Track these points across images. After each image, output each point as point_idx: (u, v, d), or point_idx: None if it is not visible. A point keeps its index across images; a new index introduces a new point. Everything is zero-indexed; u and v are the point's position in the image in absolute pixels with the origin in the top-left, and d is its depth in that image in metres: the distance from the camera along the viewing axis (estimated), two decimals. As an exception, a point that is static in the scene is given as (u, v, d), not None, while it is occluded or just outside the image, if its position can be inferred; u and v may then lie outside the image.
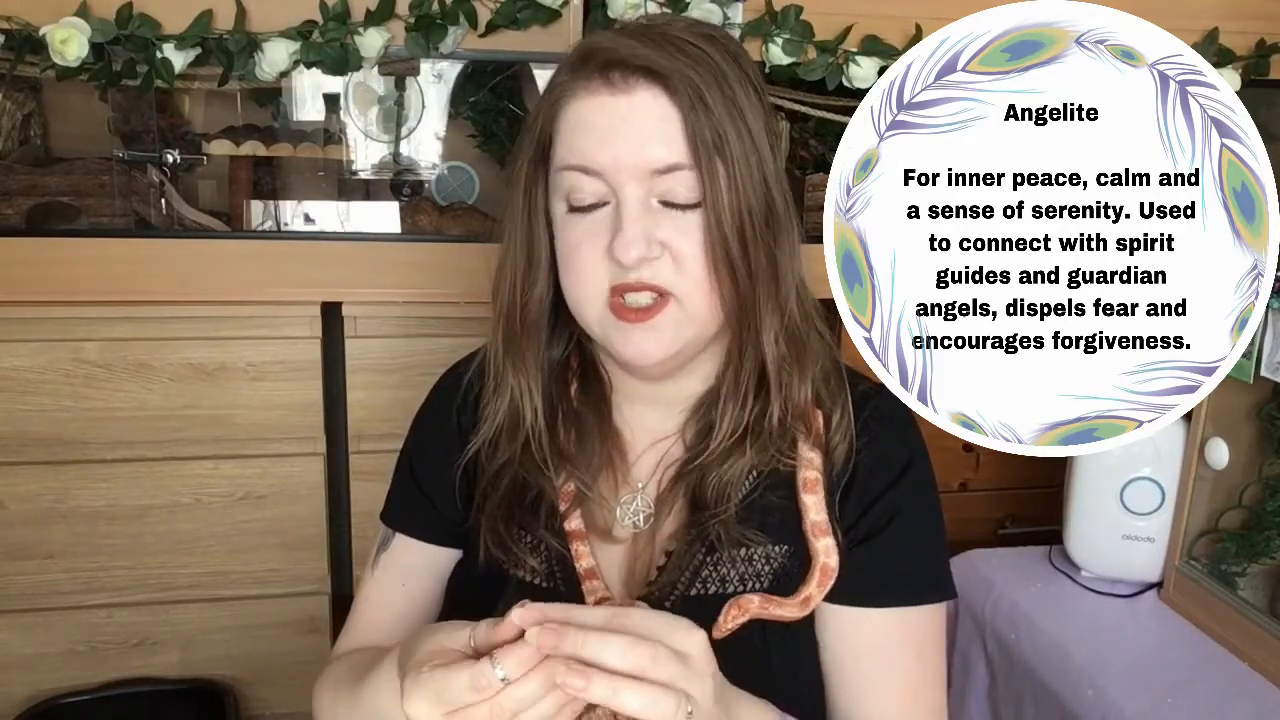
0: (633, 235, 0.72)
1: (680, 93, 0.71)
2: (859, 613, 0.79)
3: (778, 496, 0.79)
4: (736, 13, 1.41)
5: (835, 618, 0.79)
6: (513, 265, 0.80)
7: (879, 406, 0.82)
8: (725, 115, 0.72)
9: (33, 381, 1.42)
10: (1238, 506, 1.33)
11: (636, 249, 0.72)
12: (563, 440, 0.83)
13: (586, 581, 0.79)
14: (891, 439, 0.82)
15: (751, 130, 0.74)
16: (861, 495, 0.80)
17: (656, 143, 0.72)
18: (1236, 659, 1.26)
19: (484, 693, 0.56)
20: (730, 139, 0.72)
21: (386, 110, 1.68)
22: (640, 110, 0.72)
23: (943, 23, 0.76)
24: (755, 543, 0.78)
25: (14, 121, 1.54)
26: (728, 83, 0.74)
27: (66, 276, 1.41)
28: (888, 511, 0.79)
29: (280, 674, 1.58)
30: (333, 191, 1.67)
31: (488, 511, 0.82)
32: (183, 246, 1.47)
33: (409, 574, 0.89)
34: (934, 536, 0.82)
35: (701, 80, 0.72)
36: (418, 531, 0.89)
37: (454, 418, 0.88)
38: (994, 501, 1.80)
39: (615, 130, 0.72)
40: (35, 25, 1.27)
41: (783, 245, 0.78)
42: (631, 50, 0.73)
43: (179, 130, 1.63)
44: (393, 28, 1.36)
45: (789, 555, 0.79)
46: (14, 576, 1.48)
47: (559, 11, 1.38)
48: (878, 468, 0.80)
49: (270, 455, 1.50)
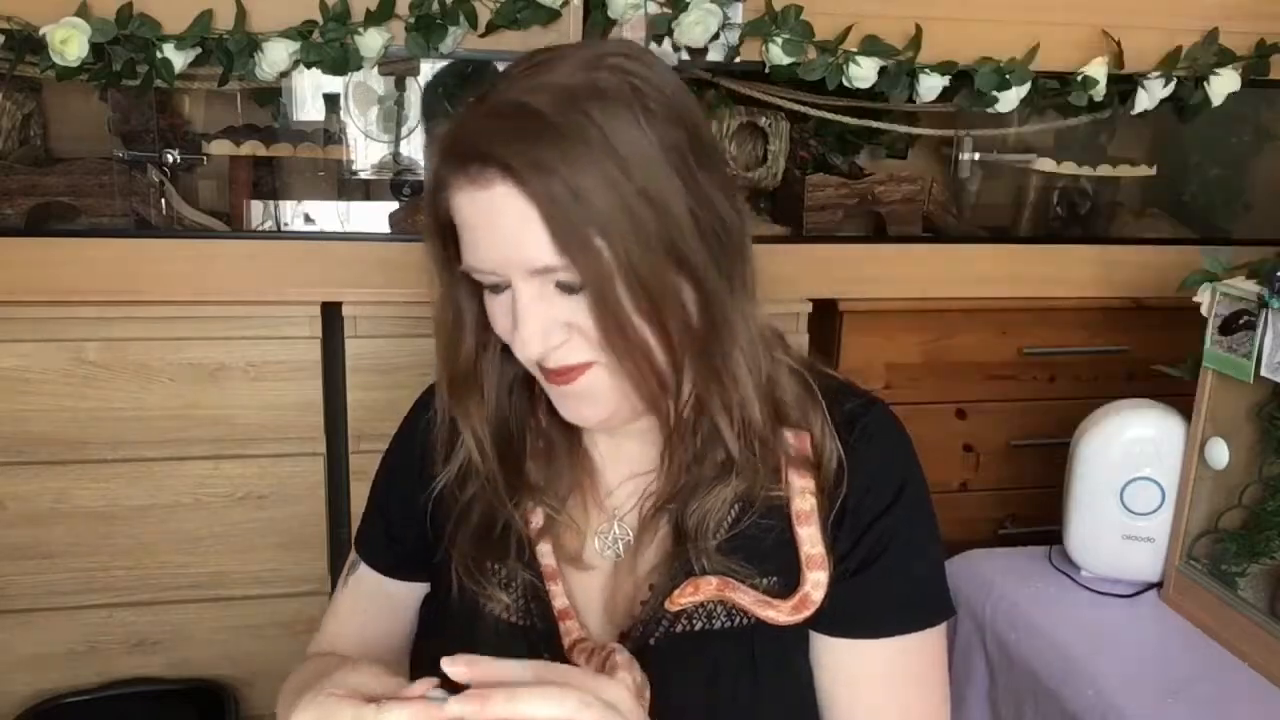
0: (528, 334, 0.69)
1: (533, 186, 0.65)
2: (855, 644, 0.77)
3: (768, 526, 0.77)
4: (736, 13, 1.41)
5: (830, 650, 0.78)
6: (440, 322, 0.79)
7: (867, 426, 0.79)
8: (599, 186, 0.65)
9: (33, 381, 1.42)
10: (1238, 506, 1.33)
11: (533, 347, 0.70)
12: (529, 469, 0.82)
13: (563, 621, 0.78)
14: (882, 461, 0.79)
15: (642, 183, 0.66)
16: (854, 524, 0.77)
17: (525, 244, 0.67)
18: (1236, 659, 1.26)
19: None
20: (607, 214, 0.65)
21: (386, 110, 1.68)
22: (500, 209, 0.67)
23: (942, 23, 0.76)
24: (742, 574, 0.76)
25: (14, 121, 1.54)
26: (605, 140, 0.65)
27: (66, 276, 1.41)
28: (882, 540, 0.77)
29: (280, 674, 1.55)
30: (333, 191, 1.67)
31: (458, 545, 0.81)
32: (183, 246, 1.47)
33: (370, 601, 0.90)
34: (930, 557, 0.80)
35: (563, 158, 0.64)
36: (379, 564, 0.90)
37: (420, 450, 0.86)
38: (994, 501, 1.80)
39: (486, 228, 0.68)
40: (35, 25, 1.27)
41: (709, 287, 0.71)
42: (480, 137, 0.67)
43: (179, 130, 1.62)
44: (393, 28, 1.36)
45: (779, 586, 0.77)
46: (14, 576, 1.48)
47: (559, 11, 1.38)
48: (869, 494, 0.78)
49: (270, 455, 1.50)
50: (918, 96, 1.51)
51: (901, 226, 1.75)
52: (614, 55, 0.70)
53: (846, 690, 0.78)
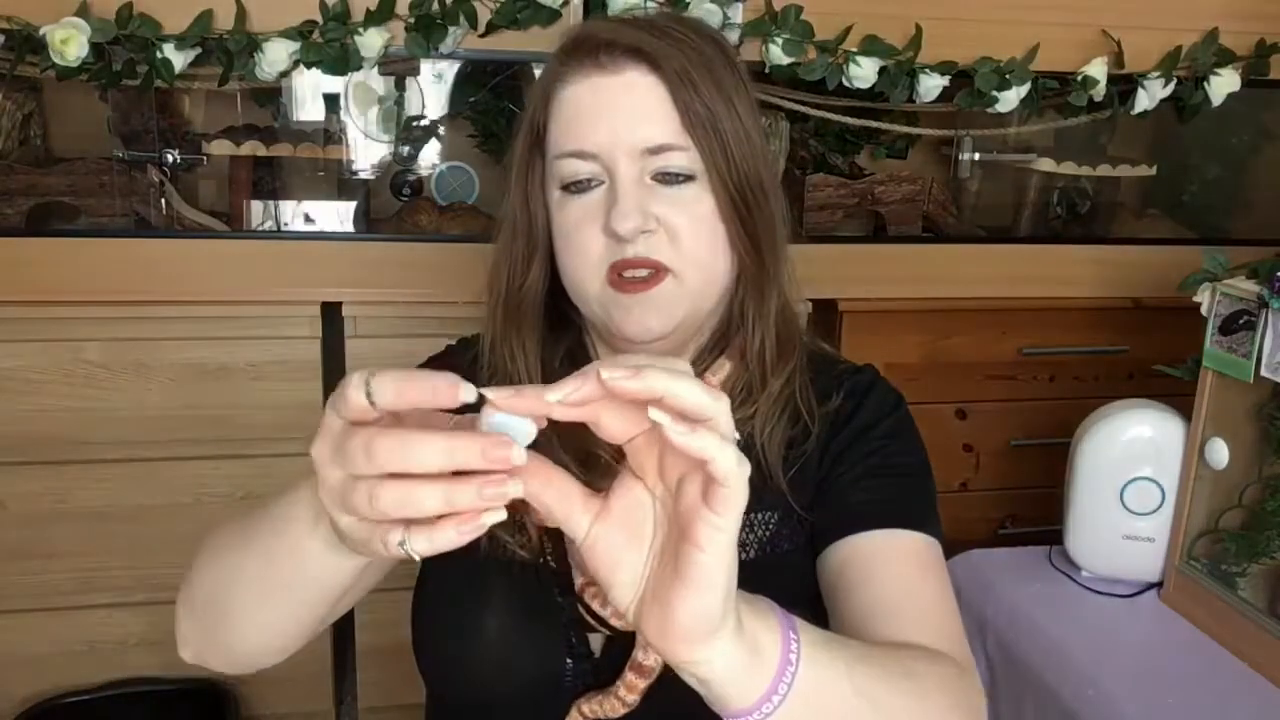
0: (627, 208, 0.73)
1: (667, 71, 0.73)
2: (892, 534, 0.75)
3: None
4: (736, 13, 1.41)
5: (869, 539, 0.75)
6: (509, 251, 0.81)
7: (858, 381, 0.84)
8: (714, 94, 0.75)
9: (33, 381, 1.42)
10: (1238, 506, 1.33)
11: (632, 220, 0.73)
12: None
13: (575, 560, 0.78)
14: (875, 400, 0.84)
15: (740, 113, 0.76)
16: (848, 443, 0.80)
17: (647, 122, 0.74)
18: (1236, 659, 1.26)
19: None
20: (720, 115, 0.75)
21: (386, 110, 1.68)
22: (630, 89, 0.74)
23: (943, 23, 0.77)
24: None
25: (14, 121, 1.54)
26: (715, 68, 0.76)
27: (66, 276, 1.41)
28: (875, 451, 0.80)
29: (280, 674, 1.56)
30: (333, 191, 1.67)
31: None
32: (183, 246, 1.47)
33: None
34: (923, 478, 0.82)
35: (689, 61, 0.74)
36: None
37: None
38: (994, 501, 1.80)
39: (606, 110, 0.74)
40: (35, 25, 1.27)
41: (777, 226, 0.79)
42: (618, 33, 0.75)
43: (179, 130, 1.62)
44: (393, 28, 1.36)
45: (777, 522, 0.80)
46: (14, 576, 1.48)
47: (559, 11, 1.38)
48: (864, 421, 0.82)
49: (270, 455, 1.50)
50: (918, 96, 1.51)
51: (901, 226, 1.75)
52: (711, 30, 0.82)
53: (883, 569, 0.74)
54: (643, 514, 0.51)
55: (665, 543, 0.51)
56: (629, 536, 0.51)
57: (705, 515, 0.46)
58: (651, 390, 0.46)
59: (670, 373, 0.46)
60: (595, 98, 0.75)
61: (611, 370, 0.46)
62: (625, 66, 0.74)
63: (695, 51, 0.75)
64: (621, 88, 0.74)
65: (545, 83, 0.78)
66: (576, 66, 0.76)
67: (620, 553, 0.51)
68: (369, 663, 1.60)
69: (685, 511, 0.48)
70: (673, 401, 0.46)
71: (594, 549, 0.51)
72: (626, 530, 0.51)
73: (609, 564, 0.51)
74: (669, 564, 0.49)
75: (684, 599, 0.48)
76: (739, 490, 0.46)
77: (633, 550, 0.51)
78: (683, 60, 0.74)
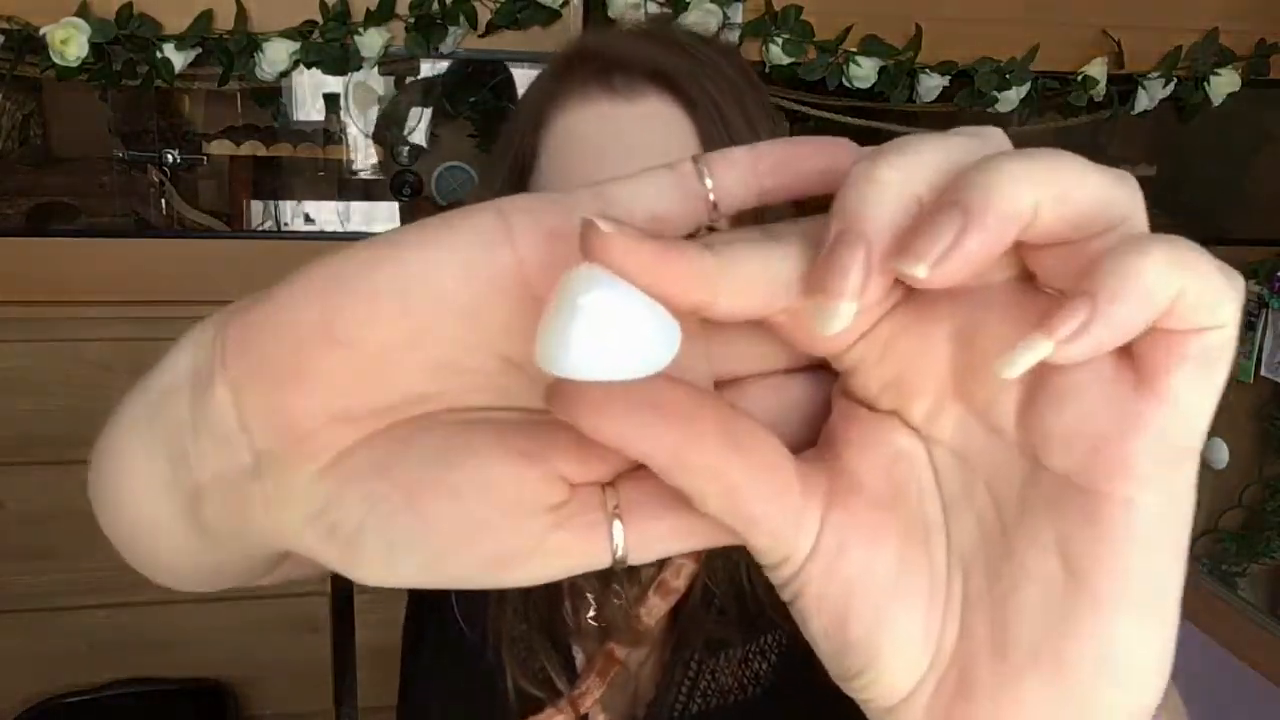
0: None
1: (698, 104, 0.59)
2: None
3: None
4: (736, 13, 1.41)
5: None
6: None
7: None
8: (744, 132, 0.60)
9: (33, 381, 1.41)
10: (1238, 506, 1.33)
11: None
12: None
13: None
14: None
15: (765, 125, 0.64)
16: None
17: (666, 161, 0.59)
18: (1236, 659, 1.26)
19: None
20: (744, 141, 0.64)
21: (386, 110, 1.68)
22: (647, 122, 0.59)
23: (943, 23, 0.76)
24: (734, 643, 0.67)
25: (14, 121, 1.54)
26: (743, 97, 0.62)
27: (66, 276, 1.41)
28: None
29: (280, 674, 1.57)
30: (333, 191, 1.67)
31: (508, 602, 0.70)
32: (183, 246, 1.47)
33: None
34: None
35: (719, 90, 0.59)
36: None
37: None
38: (994, 501, 1.80)
39: (614, 146, 0.59)
40: (35, 25, 1.27)
41: None
42: (635, 49, 0.60)
43: (179, 130, 1.62)
44: (393, 28, 1.36)
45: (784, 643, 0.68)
46: (14, 576, 1.48)
47: (559, 11, 1.38)
48: None
49: (270, 455, 1.49)
50: (918, 96, 1.51)
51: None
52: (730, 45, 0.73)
53: None
54: (913, 490, 0.23)
55: (988, 542, 0.23)
56: (897, 547, 0.23)
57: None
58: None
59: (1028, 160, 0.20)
60: (601, 128, 0.59)
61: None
62: (643, 93, 0.59)
63: (725, 79, 0.61)
64: (637, 120, 0.59)
65: (536, 104, 0.62)
66: (579, 88, 0.60)
67: (881, 589, 0.22)
68: (369, 663, 1.60)
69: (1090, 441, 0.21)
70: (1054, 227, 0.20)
71: (828, 584, 0.22)
72: (883, 532, 0.23)
73: (861, 617, 0.22)
74: (1016, 581, 0.23)
75: (1098, 639, 0.22)
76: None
77: (910, 576, 0.23)
78: (713, 90, 0.59)
